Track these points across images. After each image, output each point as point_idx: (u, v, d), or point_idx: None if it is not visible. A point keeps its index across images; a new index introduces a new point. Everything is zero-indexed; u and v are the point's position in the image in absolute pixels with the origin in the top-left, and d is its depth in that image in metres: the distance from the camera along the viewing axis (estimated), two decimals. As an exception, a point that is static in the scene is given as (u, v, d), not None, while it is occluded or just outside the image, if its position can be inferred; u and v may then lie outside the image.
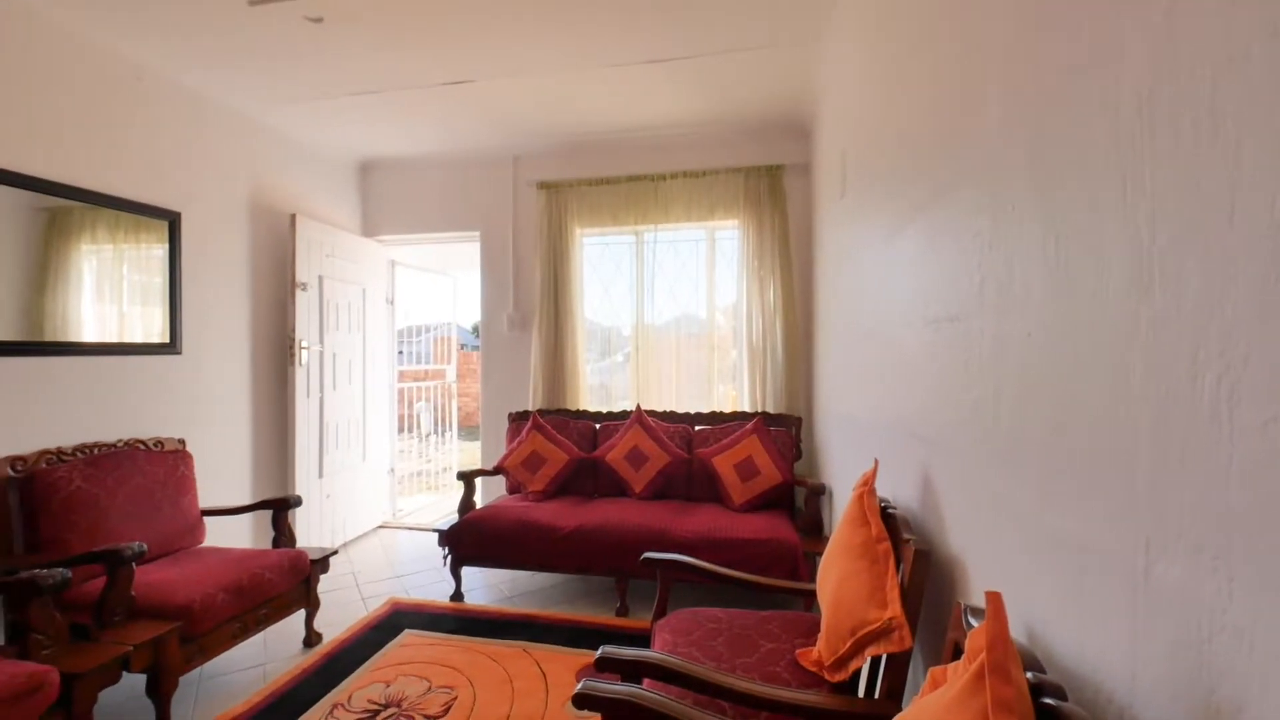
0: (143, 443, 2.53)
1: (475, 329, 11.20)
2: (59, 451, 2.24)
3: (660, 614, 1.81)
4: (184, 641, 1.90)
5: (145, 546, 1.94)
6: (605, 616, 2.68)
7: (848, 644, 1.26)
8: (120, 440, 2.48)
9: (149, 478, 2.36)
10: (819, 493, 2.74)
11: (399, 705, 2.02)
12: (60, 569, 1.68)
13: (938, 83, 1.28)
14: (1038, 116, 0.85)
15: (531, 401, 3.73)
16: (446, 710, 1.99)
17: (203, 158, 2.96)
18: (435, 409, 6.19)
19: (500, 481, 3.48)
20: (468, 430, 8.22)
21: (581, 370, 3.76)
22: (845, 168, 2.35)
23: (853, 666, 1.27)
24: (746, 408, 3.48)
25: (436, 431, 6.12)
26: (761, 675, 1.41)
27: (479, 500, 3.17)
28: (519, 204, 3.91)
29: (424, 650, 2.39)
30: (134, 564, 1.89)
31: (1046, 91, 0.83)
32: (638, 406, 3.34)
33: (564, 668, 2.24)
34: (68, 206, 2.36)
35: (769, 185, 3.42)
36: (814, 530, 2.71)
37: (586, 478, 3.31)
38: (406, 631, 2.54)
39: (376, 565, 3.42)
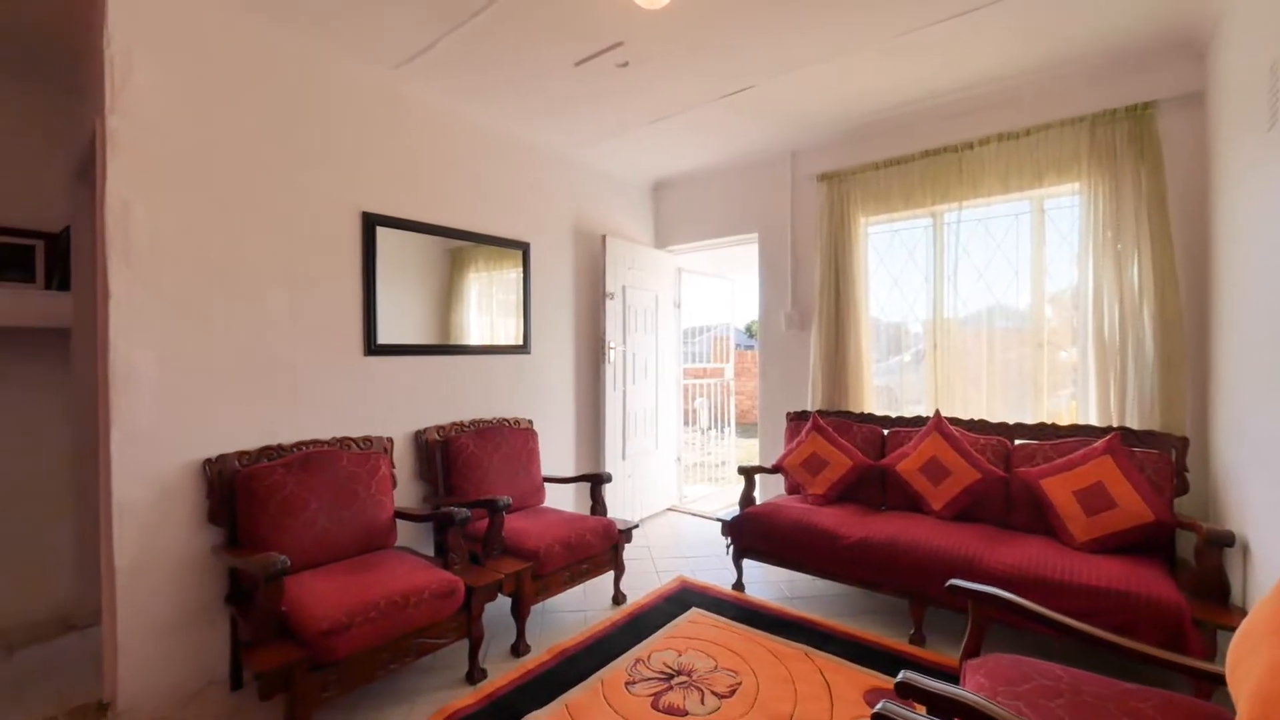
0: (508, 421, 3.31)
1: (749, 329, 11.47)
2: (461, 425, 3.09)
3: (972, 652, 1.56)
4: (534, 578, 2.42)
5: (510, 500, 2.53)
6: (896, 640, 2.44)
7: (1293, 764, 0.88)
8: (494, 418, 3.28)
9: (512, 448, 3.07)
10: (1222, 543, 1.98)
11: (689, 675, 2.20)
12: (464, 509, 2.33)
13: None
14: None
15: (810, 402, 3.63)
16: (732, 692, 2.09)
17: (541, 196, 3.71)
18: (712, 405, 6.54)
19: (778, 480, 3.48)
20: (743, 427, 8.46)
21: (866, 370, 3.50)
22: (1277, 86, 1.65)
23: (1304, 798, 0.89)
24: (1093, 420, 2.74)
25: (715, 426, 6.46)
26: (1130, 765, 1.09)
27: (758, 496, 3.23)
28: (797, 200, 3.85)
29: (709, 630, 2.55)
30: (504, 512, 2.50)
31: None
32: (937, 412, 2.94)
33: (849, 682, 2.12)
34: (461, 246, 3.23)
35: (1131, 131, 2.63)
36: (1212, 593, 1.98)
37: (872, 487, 3.06)
38: (694, 609, 2.75)
39: (666, 544, 3.79)
